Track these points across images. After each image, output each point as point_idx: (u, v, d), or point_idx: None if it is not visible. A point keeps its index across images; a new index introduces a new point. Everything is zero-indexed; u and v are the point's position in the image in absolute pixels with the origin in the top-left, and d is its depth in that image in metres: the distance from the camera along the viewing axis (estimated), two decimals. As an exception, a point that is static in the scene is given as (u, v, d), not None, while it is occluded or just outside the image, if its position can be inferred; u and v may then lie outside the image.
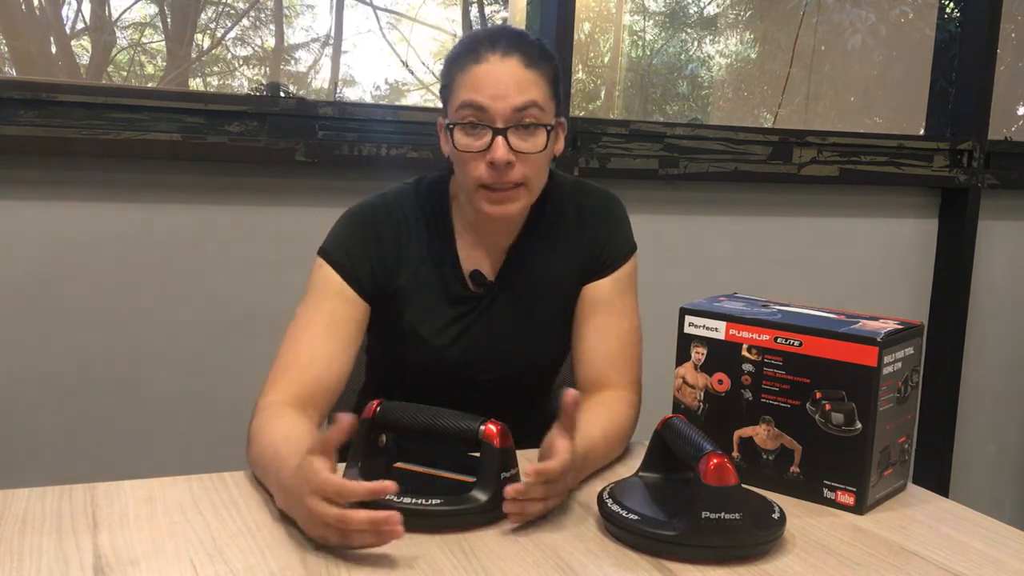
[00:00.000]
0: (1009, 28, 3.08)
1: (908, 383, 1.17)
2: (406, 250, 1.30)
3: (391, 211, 1.31)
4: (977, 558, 1.02)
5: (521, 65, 1.20)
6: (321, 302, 1.26)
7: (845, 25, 3.55)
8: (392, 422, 1.11)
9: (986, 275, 2.68)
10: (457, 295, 1.32)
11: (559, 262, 1.35)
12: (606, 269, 1.35)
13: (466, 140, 1.21)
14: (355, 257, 1.27)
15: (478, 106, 1.19)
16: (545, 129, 1.22)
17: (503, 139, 1.19)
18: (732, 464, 0.98)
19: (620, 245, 1.36)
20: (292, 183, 1.98)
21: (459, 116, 1.21)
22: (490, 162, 1.20)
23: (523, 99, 1.19)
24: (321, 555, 0.95)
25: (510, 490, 1.01)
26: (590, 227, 1.35)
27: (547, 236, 1.34)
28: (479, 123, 1.20)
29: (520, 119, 1.20)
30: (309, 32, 4.63)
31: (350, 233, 1.29)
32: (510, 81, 1.19)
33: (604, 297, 1.34)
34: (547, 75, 1.23)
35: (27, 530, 0.99)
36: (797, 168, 2.40)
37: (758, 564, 0.98)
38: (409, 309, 1.31)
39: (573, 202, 1.36)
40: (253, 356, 1.92)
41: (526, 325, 1.35)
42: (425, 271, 1.31)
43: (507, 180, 1.21)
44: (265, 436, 1.12)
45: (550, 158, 1.27)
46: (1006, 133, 2.76)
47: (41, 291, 1.84)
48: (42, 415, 1.86)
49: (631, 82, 4.59)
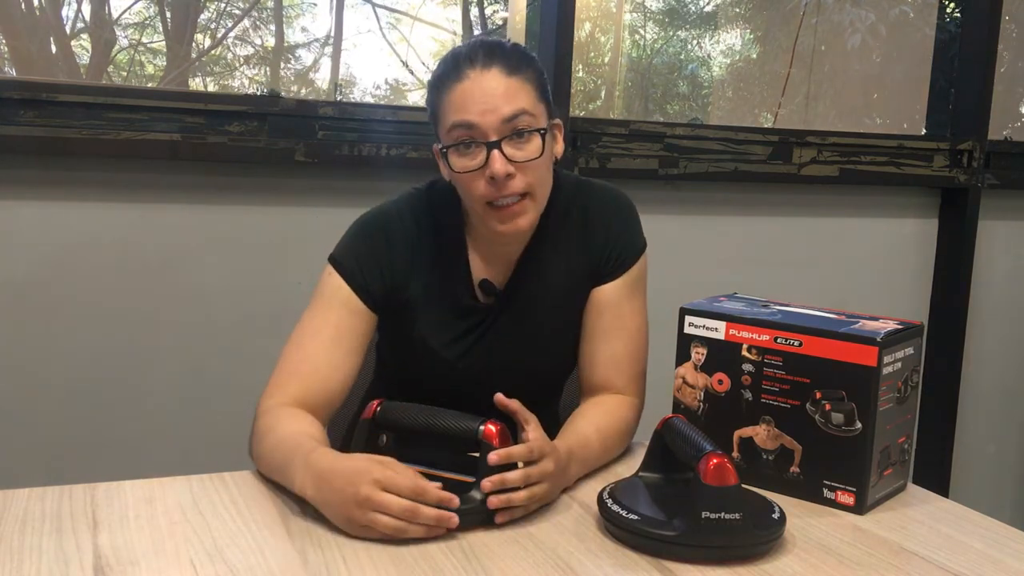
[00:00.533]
0: (1009, 27, 3.08)
1: (908, 383, 1.17)
2: (417, 259, 1.28)
3: (403, 219, 1.29)
4: (977, 558, 1.02)
5: (503, 74, 1.18)
6: (328, 312, 1.24)
7: (845, 25, 3.55)
8: (392, 422, 1.11)
9: (986, 275, 2.68)
10: (467, 306, 1.31)
11: (567, 268, 1.32)
12: (616, 271, 1.32)
13: (462, 161, 1.20)
14: (366, 266, 1.26)
15: (468, 124, 1.18)
16: (539, 134, 1.20)
17: (498, 152, 1.17)
18: (732, 464, 0.98)
19: (628, 246, 1.33)
20: (292, 183, 1.98)
21: (451, 138, 1.20)
22: (489, 177, 1.18)
23: (511, 108, 1.17)
24: (321, 555, 0.95)
25: (487, 482, 1.02)
26: (596, 230, 1.33)
27: (553, 242, 1.32)
28: (472, 141, 1.18)
29: (512, 129, 1.18)
30: (309, 32, 4.63)
31: (361, 241, 1.28)
32: (495, 92, 1.17)
33: (612, 300, 1.32)
34: (531, 79, 1.21)
35: (27, 530, 0.99)
36: (797, 168, 2.40)
37: (758, 564, 0.98)
38: (420, 320, 1.30)
39: (577, 204, 1.34)
40: (253, 356, 1.93)
41: (536, 335, 1.33)
42: (435, 281, 1.29)
43: (510, 192, 1.19)
44: (277, 432, 1.13)
45: (551, 162, 1.25)
46: (1006, 133, 2.75)
47: (41, 291, 1.84)
48: (42, 415, 1.86)
49: (631, 82, 4.59)
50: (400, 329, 1.31)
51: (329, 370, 1.22)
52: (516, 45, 1.24)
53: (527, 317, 1.32)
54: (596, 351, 1.32)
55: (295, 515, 1.05)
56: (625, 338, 1.32)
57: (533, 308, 1.32)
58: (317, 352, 1.22)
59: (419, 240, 1.28)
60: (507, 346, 1.32)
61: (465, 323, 1.31)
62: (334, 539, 0.99)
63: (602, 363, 1.31)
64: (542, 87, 1.24)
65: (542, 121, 1.22)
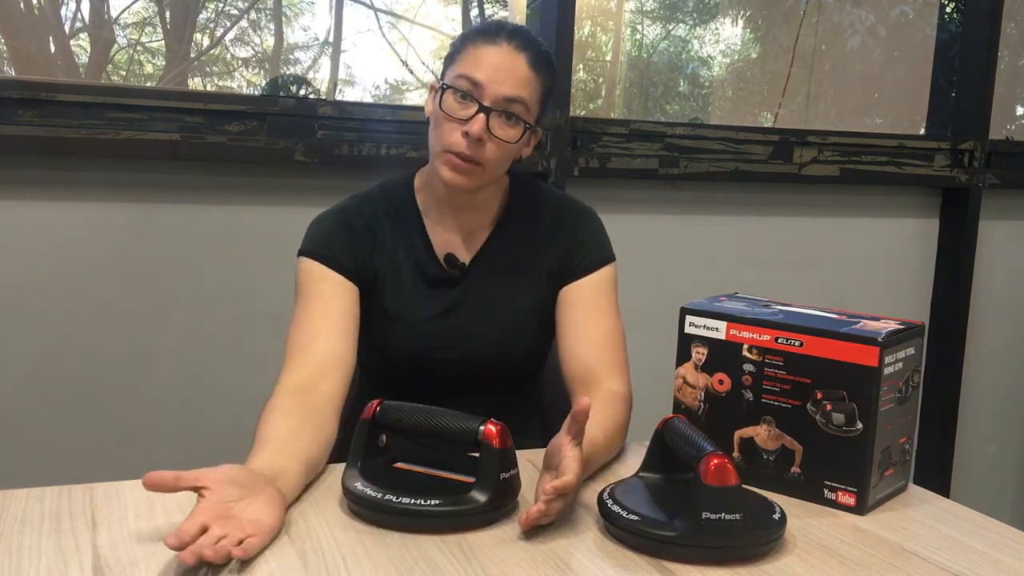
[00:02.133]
0: (1010, 27, 3.07)
1: (909, 383, 1.17)
2: (379, 237, 1.36)
3: (359, 207, 1.38)
4: (978, 559, 1.01)
5: (527, 64, 1.28)
6: (311, 291, 1.31)
7: (845, 25, 3.55)
8: (392, 422, 1.11)
9: (987, 275, 2.68)
10: (433, 275, 1.37)
11: (534, 255, 1.40)
12: (581, 271, 1.39)
13: (453, 105, 1.27)
14: (334, 247, 1.33)
15: (475, 81, 1.26)
16: (523, 125, 1.29)
17: (485, 117, 1.25)
18: (732, 464, 0.97)
19: (595, 250, 1.40)
20: (292, 183, 1.98)
21: (455, 82, 1.27)
22: (465, 132, 1.26)
23: (516, 92, 1.26)
24: (321, 555, 0.95)
25: (532, 512, 0.99)
26: (566, 229, 1.41)
27: (523, 230, 1.40)
28: (470, 95, 1.26)
29: (506, 108, 1.26)
30: (308, 32, 4.63)
31: (323, 230, 1.36)
32: (512, 72, 1.26)
33: (584, 296, 1.38)
34: (544, 84, 1.31)
35: (26, 530, 0.98)
36: (798, 168, 2.40)
37: (758, 565, 0.98)
38: (388, 290, 1.37)
39: (552, 208, 1.42)
40: (253, 356, 1.93)
41: (500, 310, 1.39)
42: (400, 256, 1.37)
43: (471, 154, 1.26)
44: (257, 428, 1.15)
45: (515, 155, 1.33)
46: (1007, 133, 2.75)
47: (40, 291, 1.84)
48: (42, 415, 1.86)
49: (632, 81, 4.59)
50: (372, 304, 1.36)
51: (326, 333, 1.27)
52: (550, 51, 1.34)
53: (491, 289, 1.39)
54: (576, 342, 1.36)
55: (295, 515, 1.05)
56: (601, 326, 1.36)
57: (497, 282, 1.39)
58: (312, 323, 1.28)
59: (378, 222, 1.37)
60: (472, 314, 1.38)
61: (431, 291, 1.37)
62: (334, 540, 0.99)
63: (583, 353, 1.34)
64: (547, 93, 1.33)
65: (531, 119, 1.31)
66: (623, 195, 2.26)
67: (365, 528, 1.02)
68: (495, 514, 1.04)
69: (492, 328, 1.39)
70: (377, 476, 1.07)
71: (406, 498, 1.01)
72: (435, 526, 1.01)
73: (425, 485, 1.07)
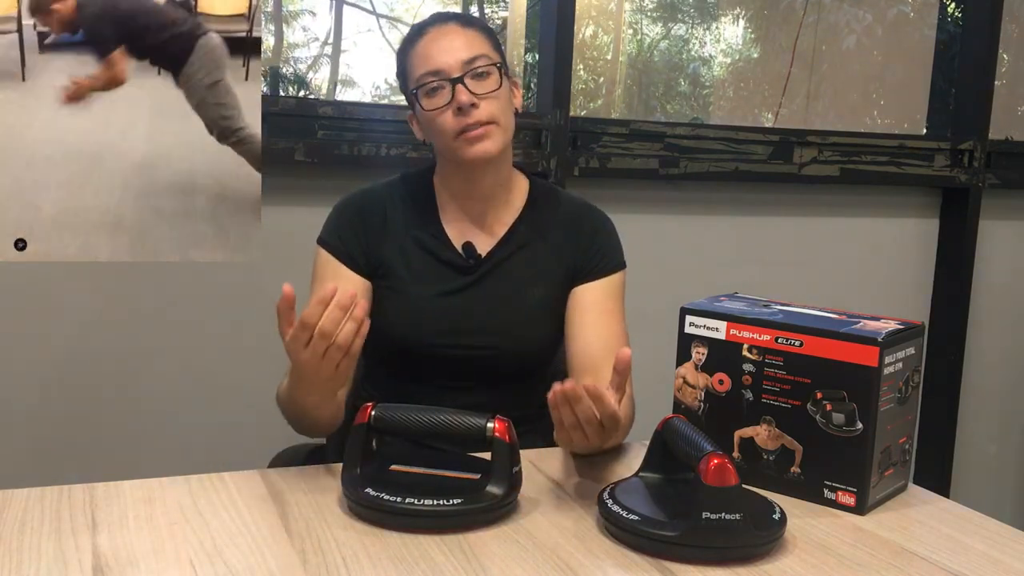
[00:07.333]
0: (1010, 27, 3.07)
1: (909, 383, 1.17)
2: (392, 223, 1.41)
3: (377, 192, 1.44)
4: (978, 559, 1.01)
5: (459, 27, 1.35)
6: (324, 282, 1.33)
7: (842, 25, 3.55)
8: (391, 424, 1.10)
9: (987, 275, 2.68)
10: (447, 261, 1.40)
11: (549, 253, 1.42)
12: (595, 273, 1.41)
13: (431, 102, 1.32)
14: (346, 238, 1.39)
15: (433, 71, 1.31)
16: (496, 68, 1.33)
17: (462, 85, 1.30)
18: (733, 464, 0.97)
19: (610, 255, 1.43)
20: (292, 183, 1.98)
21: (421, 83, 1.33)
22: (456, 109, 1.30)
23: (470, 53, 1.32)
24: (321, 555, 0.95)
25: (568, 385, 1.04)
26: (583, 230, 1.43)
27: (541, 229, 1.43)
28: (438, 83, 1.31)
29: (472, 68, 1.31)
30: (308, 32, 4.63)
31: (339, 217, 1.42)
32: (455, 41, 1.33)
33: (596, 298, 1.40)
34: (485, 33, 1.37)
35: (26, 530, 0.98)
36: (798, 168, 2.40)
37: (758, 565, 0.98)
38: (399, 274, 1.39)
39: (571, 210, 1.45)
40: (253, 356, 1.93)
41: (510, 303, 1.40)
42: (412, 242, 1.40)
43: (475, 119, 1.30)
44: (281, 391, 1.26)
45: (511, 102, 1.36)
46: (1007, 133, 2.75)
47: (41, 291, 1.84)
48: (42, 415, 1.86)
49: (632, 80, 4.59)
50: (382, 290, 1.40)
51: None
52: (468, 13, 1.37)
53: (504, 282, 1.40)
54: (585, 343, 1.37)
55: (295, 515, 1.05)
56: (609, 329, 1.38)
57: (511, 277, 1.41)
58: None
59: (393, 207, 1.42)
60: (482, 305, 1.39)
61: (443, 277, 1.40)
62: (334, 539, 0.99)
63: (593, 352, 1.36)
64: (495, 41, 1.38)
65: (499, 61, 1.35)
66: (623, 195, 2.26)
67: (365, 528, 1.02)
68: (511, 508, 1.05)
69: (498, 320, 1.40)
70: (375, 480, 1.06)
71: (428, 500, 1.01)
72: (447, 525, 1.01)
73: (436, 485, 1.06)
